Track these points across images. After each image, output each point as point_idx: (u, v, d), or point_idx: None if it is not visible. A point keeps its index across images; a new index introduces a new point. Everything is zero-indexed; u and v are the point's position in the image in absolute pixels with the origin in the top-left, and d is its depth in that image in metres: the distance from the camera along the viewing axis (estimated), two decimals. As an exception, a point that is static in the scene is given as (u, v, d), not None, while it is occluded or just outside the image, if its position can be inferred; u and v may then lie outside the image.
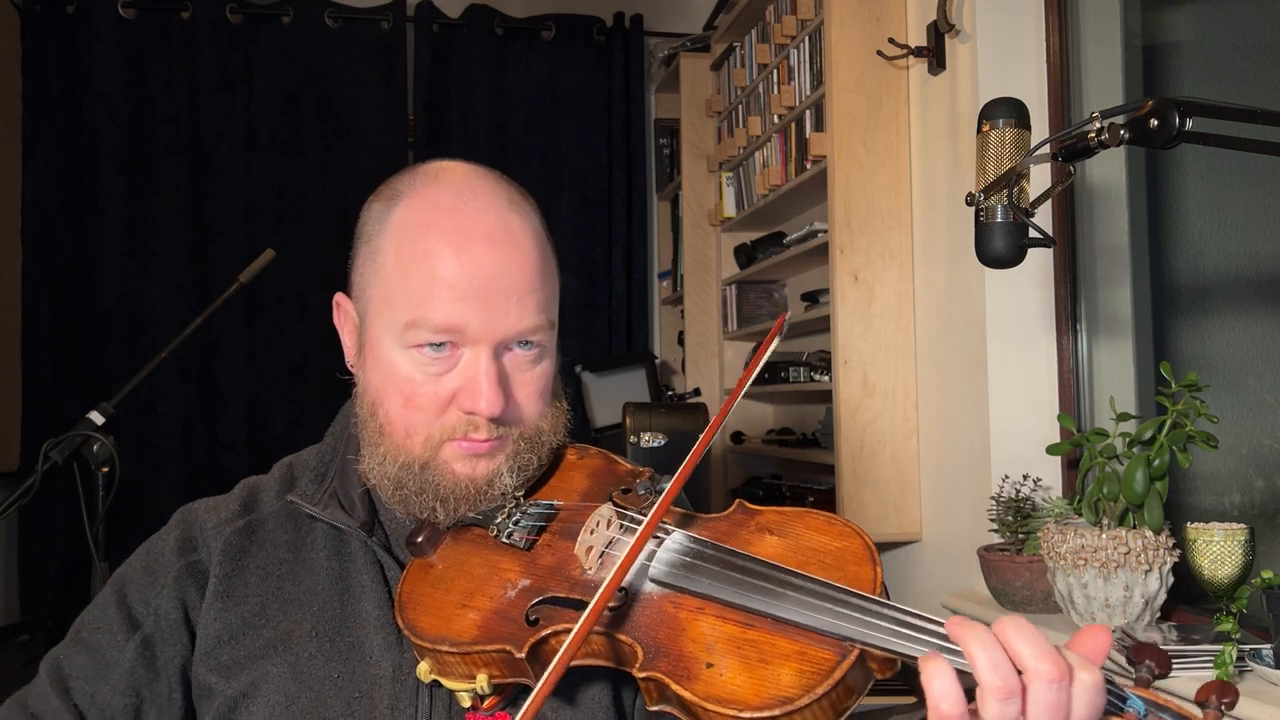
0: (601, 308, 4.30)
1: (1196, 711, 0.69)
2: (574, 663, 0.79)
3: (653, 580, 0.84)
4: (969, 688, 0.69)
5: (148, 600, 0.97)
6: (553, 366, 1.00)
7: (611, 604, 0.81)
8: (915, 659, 0.71)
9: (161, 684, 0.95)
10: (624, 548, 0.83)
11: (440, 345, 0.92)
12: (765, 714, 0.73)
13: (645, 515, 0.84)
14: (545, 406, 0.99)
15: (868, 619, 0.75)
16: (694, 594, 0.82)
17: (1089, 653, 0.70)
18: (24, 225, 3.80)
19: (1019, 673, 0.67)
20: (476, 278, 0.91)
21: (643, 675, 0.79)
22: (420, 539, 0.95)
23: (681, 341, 4.12)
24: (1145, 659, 0.72)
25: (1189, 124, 0.98)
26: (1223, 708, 0.69)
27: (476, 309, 0.91)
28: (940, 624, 0.73)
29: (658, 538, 0.87)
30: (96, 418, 2.11)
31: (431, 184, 0.96)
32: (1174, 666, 0.73)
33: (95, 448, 2.07)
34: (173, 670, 0.95)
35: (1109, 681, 0.69)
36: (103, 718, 0.93)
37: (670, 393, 4.13)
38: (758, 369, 0.94)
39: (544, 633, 0.84)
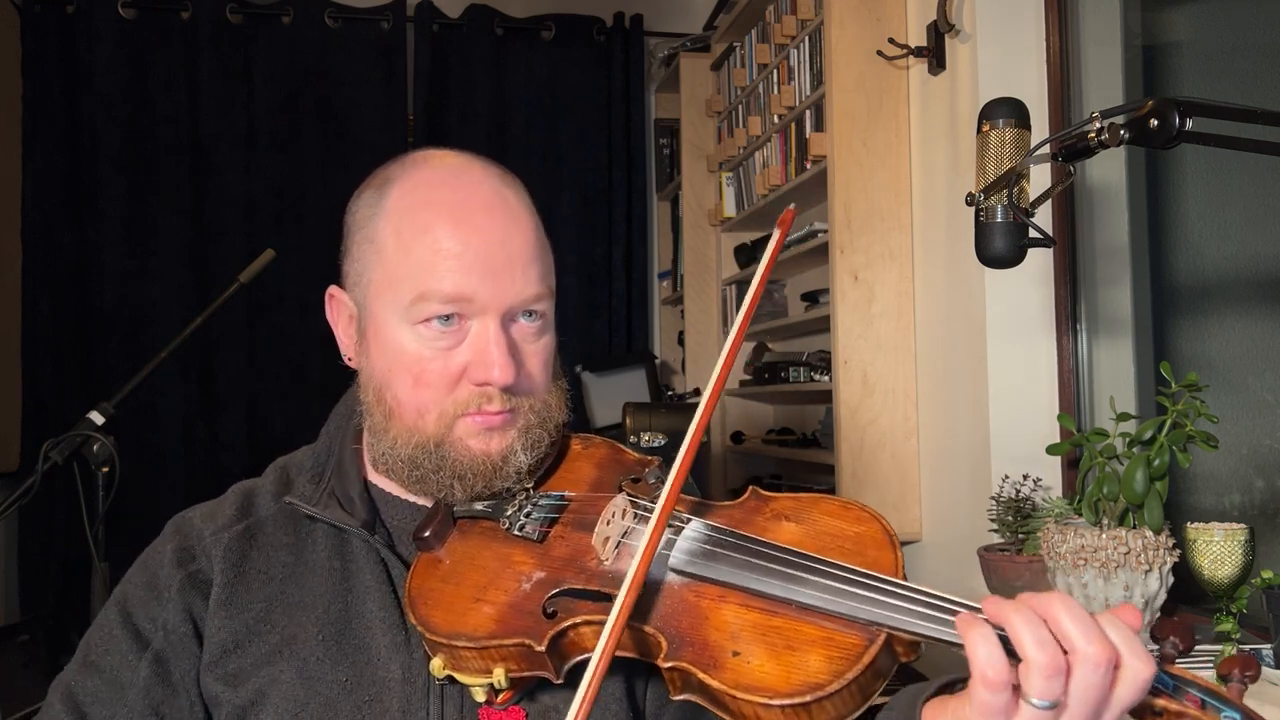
0: (601, 308, 4.30)
1: (1221, 686, 0.69)
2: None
3: (673, 570, 0.83)
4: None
5: (154, 616, 0.95)
6: (554, 341, 1.00)
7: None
8: (943, 641, 0.71)
9: (180, 699, 0.93)
10: (640, 537, 0.82)
11: (448, 318, 0.91)
12: (796, 700, 0.72)
13: (658, 503, 0.83)
14: (550, 381, 0.98)
15: (893, 602, 0.74)
16: (715, 582, 0.81)
17: None
18: (24, 225, 3.81)
19: (1064, 652, 0.65)
20: (481, 246, 0.91)
21: (668, 665, 0.78)
22: (427, 533, 0.92)
23: (681, 341, 4.11)
24: (1169, 635, 0.71)
25: (1189, 124, 0.99)
26: (1246, 680, 0.69)
27: (483, 277, 0.91)
28: (963, 604, 0.73)
29: (675, 526, 0.86)
30: (96, 418, 2.11)
31: (422, 167, 0.96)
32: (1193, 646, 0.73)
33: (95, 448, 2.07)
34: (189, 683, 0.93)
35: None
36: None
37: (670, 393, 4.14)
38: (766, 278, 0.91)
39: (563, 625, 0.82)
